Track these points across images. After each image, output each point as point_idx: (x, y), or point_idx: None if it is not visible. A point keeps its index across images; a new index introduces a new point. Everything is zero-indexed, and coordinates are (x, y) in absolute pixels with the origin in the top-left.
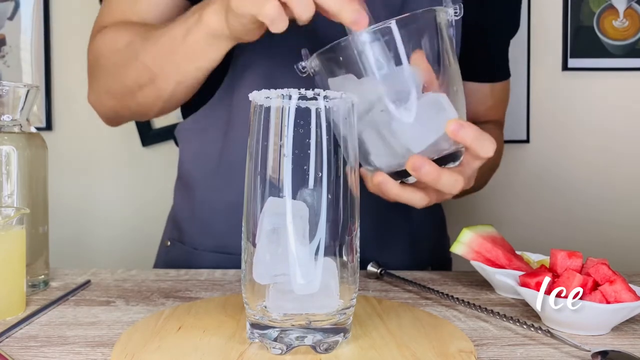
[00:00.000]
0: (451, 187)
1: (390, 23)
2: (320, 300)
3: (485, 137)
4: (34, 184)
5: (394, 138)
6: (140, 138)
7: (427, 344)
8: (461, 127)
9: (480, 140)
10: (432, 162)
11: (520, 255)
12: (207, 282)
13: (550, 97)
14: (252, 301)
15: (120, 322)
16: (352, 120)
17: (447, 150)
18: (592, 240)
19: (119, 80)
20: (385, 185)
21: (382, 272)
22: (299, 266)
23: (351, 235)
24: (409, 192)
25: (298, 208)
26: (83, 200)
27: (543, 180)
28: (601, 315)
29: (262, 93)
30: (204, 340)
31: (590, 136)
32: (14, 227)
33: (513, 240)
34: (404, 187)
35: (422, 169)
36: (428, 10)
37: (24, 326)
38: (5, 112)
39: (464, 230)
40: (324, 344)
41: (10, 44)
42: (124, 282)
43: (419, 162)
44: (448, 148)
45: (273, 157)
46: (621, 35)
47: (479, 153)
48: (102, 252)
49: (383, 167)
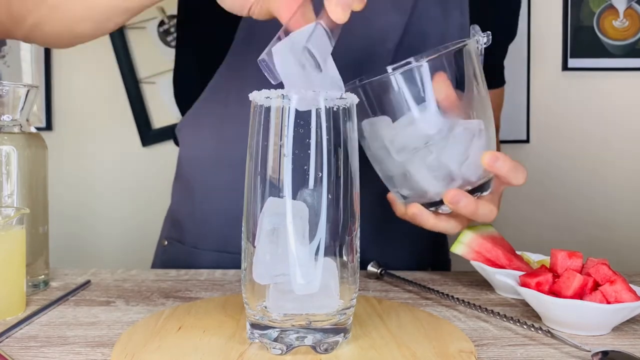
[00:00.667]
0: (486, 217)
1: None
2: (320, 300)
3: (518, 167)
4: (34, 184)
5: (428, 172)
6: (140, 138)
7: (427, 344)
8: (497, 160)
9: (514, 171)
10: (469, 195)
11: (520, 255)
12: (207, 282)
13: (550, 97)
14: (252, 301)
15: (120, 322)
16: (353, 119)
17: (480, 180)
18: (592, 240)
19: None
20: (421, 217)
21: (382, 272)
22: (299, 266)
23: (351, 235)
24: (444, 222)
25: (298, 208)
26: (83, 200)
27: (543, 180)
28: (601, 315)
29: (262, 93)
30: (204, 340)
31: (590, 136)
32: (14, 227)
33: (513, 240)
34: (439, 217)
35: (460, 202)
36: (460, 45)
37: (24, 326)
38: (5, 112)
39: (464, 230)
40: (324, 344)
41: (10, 44)
42: (124, 282)
43: (457, 196)
44: (481, 178)
45: (273, 157)
46: (621, 35)
47: (512, 182)
48: (102, 252)
49: (416, 199)
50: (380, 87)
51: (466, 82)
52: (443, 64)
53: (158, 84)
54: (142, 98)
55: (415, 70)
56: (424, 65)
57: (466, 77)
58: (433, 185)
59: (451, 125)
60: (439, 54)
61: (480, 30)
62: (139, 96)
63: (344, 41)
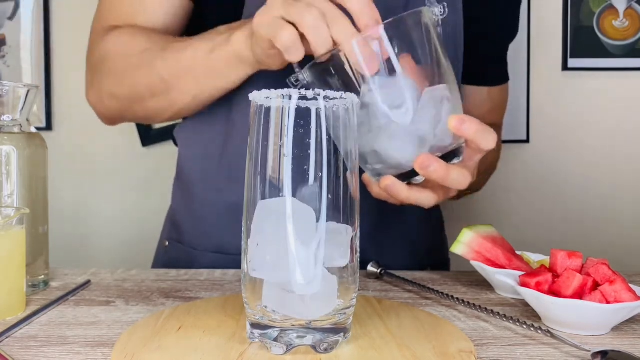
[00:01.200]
0: (459, 183)
1: (379, 28)
2: (320, 300)
3: (487, 129)
4: (34, 184)
5: (397, 141)
6: (140, 138)
7: (427, 344)
8: (463, 122)
9: (482, 133)
10: (440, 160)
11: (520, 255)
12: (207, 282)
13: (550, 97)
14: (252, 301)
15: (120, 322)
16: (353, 120)
17: (450, 146)
18: (592, 240)
19: (128, 85)
20: (393, 187)
21: (382, 272)
22: (299, 266)
23: (351, 235)
24: (417, 192)
25: (301, 209)
26: (83, 200)
27: (543, 180)
28: (601, 315)
29: (262, 93)
30: (204, 340)
31: (590, 136)
32: (14, 227)
33: (513, 240)
34: (412, 188)
35: (430, 167)
36: (414, 12)
37: (24, 326)
38: (5, 112)
39: (464, 230)
40: (324, 343)
41: (10, 44)
42: (124, 282)
43: (427, 161)
44: (451, 144)
45: (273, 157)
46: (621, 35)
47: (480, 146)
48: (102, 252)
49: (389, 172)
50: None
51: (427, 52)
52: (399, 32)
53: None
54: None
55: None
56: (380, 32)
57: (426, 47)
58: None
59: (417, 92)
60: (394, 19)
61: (435, 2)
62: None
63: None
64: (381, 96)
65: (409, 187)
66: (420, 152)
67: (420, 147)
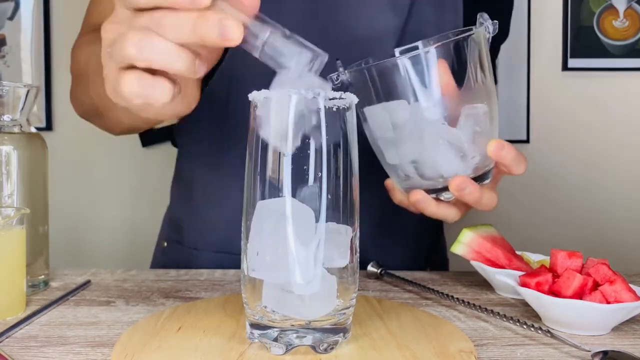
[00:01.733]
0: (489, 205)
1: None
2: (320, 300)
3: (521, 156)
4: (34, 184)
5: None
6: (140, 138)
7: (427, 344)
8: (502, 148)
9: (517, 161)
10: (474, 182)
11: (520, 255)
12: (207, 282)
13: (550, 97)
14: (252, 301)
15: (120, 322)
16: (353, 120)
17: (484, 168)
18: (592, 240)
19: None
20: (422, 203)
21: (382, 272)
22: (298, 266)
23: (351, 235)
24: (445, 208)
25: (301, 209)
26: (83, 200)
27: (543, 180)
28: (601, 315)
29: (262, 93)
30: (204, 340)
31: (590, 136)
32: (14, 227)
33: (513, 240)
34: (440, 204)
35: (465, 189)
36: (469, 32)
37: (24, 326)
38: (5, 112)
39: (464, 230)
40: (324, 344)
41: (10, 44)
42: (124, 282)
43: (464, 184)
44: (486, 166)
45: (273, 157)
46: (621, 35)
47: (514, 171)
48: (102, 252)
49: (421, 185)
50: (386, 70)
51: (472, 70)
52: (450, 50)
53: None
54: None
55: (422, 56)
56: (431, 51)
57: (472, 65)
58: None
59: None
60: (448, 40)
61: (488, 19)
62: None
63: (342, 42)
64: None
65: (437, 202)
66: (460, 169)
67: (460, 164)
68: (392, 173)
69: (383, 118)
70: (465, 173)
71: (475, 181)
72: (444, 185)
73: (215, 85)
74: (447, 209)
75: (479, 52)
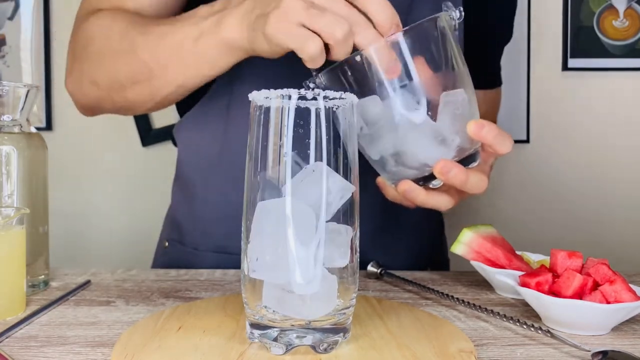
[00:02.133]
0: (478, 187)
1: (398, 35)
2: (320, 300)
3: (504, 133)
4: (34, 184)
5: (419, 144)
6: (140, 138)
7: (427, 344)
8: (482, 127)
9: (500, 137)
10: (459, 165)
11: (520, 255)
12: (207, 282)
13: (550, 97)
14: (252, 301)
15: (120, 322)
16: (353, 120)
17: (469, 150)
18: (592, 240)
19: (107, 72)
20: (411, 192)
21: (382, 272)
22: (298, 266)
23: (351, 235)
24: (435, 196)
25: (301, 209)
26: (83, 200)
27: (543, 180)
28: (601, 315)
29: (262, 93)
30: (204, 340)
31: (590, 136)
32: (14, 227)
33: (513, 240)
34: (430, 193)
35: (450, 172)
36: (432, 17)
37: (24, 326)
38: (5, 112)
39: (464, 230)
40: (324, 343)
41: (10, 44)
42: (124, 282)
43: (447, 166)
44: (470, 148)
45: (273, 157)
46: (621, 35)
47: (498, 150)
48: (102, 252)
49: (407, 175)
50: (355, 66)
51: (443, 57)
52: (418, 38)
53: None
54: None
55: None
56: (399, 38)
57: (442, 52)
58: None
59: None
60: (412, 25)
61: (452, 6)
62: None
63: None
64: (400, 100)
65: (426, 191)
66: (441, 154)
67: (441, 149)
68: (379, 169)
69: (358, 115)
70: (449, 156)
71: (462, 165)
72: (431, 172)
73: (217, 85)
74: (438, 196)
75: (444, 37)
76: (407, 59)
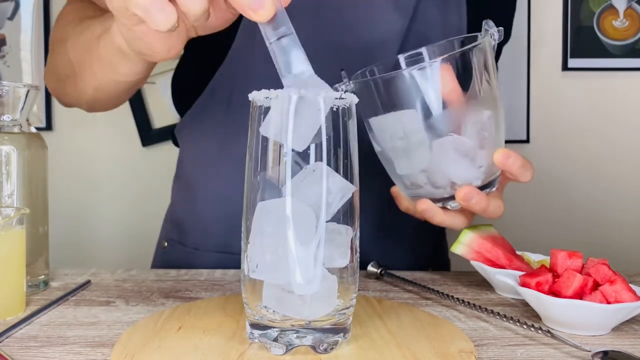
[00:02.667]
0: (495, 213)
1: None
2: (320, 300)
3: (528, 164)
4: (34, 184)
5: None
6: (140, 138)
7: (427, 344)
8: (509, 157)
9: (524, 169)
10: (480, 192)
11: (521, 255)
12: (207, 282)
13: (550, 97)
14: (252, 301)
15: (120, 322)
16: (353, 120)
17: (492, 176)
18: (592, 240)
19: (53, 62)
20: (430, 212)
21: (382, 272)
22: (298, 266)
23: (351, 235)
24: (452, 217)
25: (300, 209)
26: (83, 200)
27: (543, 180)
28: (601, 315)
29: (262, 93)
30: (204, 340)
31: (590, 136)
32: (14, 227)
33: (513, 240)
34: (447, 213)
35: (472, 199)
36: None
37: (24, 326)
38: (5, 112)
39: (464, 230)
40: (324, 344)
41: (10, 44)
42: (124, 282)
43: (470, 193)
44: (493, 174)
45: (273, 157)
46: (621, 35)
47: (520, 180)
48: (102, 252)
49: (429, 193)
50: (392, 81)
51: (478, 78)
52: (456, 60)
53: (158, 84)
54: (142, 98)
55: (428, 67)
56: (438, 63)
57: (478, 73)
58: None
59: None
60: (454, 52)
61: (494, 26)
62: (139, 96)
63: (347, 43)
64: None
65: (444, 211)
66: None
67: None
68: (398, 182)
69: (394, 128)
70: (476, 179)
71: (482, 189)
72: (451, 194)
73: (217, 84)
74: (455, 217)
75: (484, 60)
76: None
